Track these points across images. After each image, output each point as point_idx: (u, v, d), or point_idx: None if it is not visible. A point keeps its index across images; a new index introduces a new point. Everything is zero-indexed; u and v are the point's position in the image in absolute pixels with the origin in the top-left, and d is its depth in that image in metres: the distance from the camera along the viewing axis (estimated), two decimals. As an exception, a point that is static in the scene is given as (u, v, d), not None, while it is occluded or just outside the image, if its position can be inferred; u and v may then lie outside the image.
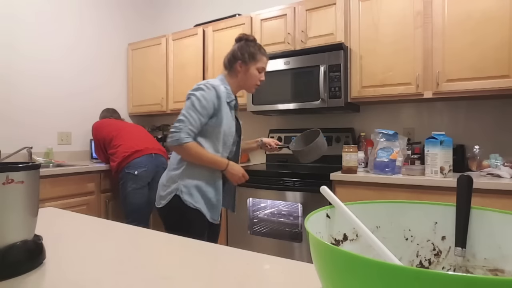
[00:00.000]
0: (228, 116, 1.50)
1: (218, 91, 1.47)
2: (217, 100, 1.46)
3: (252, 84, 1.59)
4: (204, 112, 1.43)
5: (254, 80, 1.58)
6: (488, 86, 1.95)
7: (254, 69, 1.57)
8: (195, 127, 1.42)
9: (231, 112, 1.53)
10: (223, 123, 1.47)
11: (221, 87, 1.49)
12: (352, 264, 0.30)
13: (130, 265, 0.61)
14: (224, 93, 1.50)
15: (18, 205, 0.56)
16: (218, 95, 1.46)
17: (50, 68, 3.03)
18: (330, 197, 0.46)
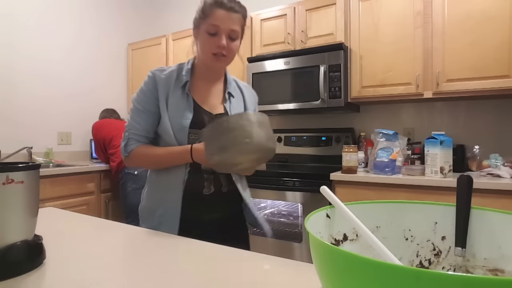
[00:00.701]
0: (176, 105, 1.08)
1: (157, 77, 1.11)
2: (155, 88, 1.10)
3: (207, 56, 1.08)
4: (147, 108, 1.08)
5: (206, 48, 1.07)
6: (488, 86, 1.95)
7: (203, 32, 1.06)
8: (142, 129, 1.09)
9: (187, 98, 1.10)
10: (169, 115, 1.08)
11: (166, 72, 1.13)
12: (352, 264, 0.30)
13: (130, 265, 0.61)
14: (169, 78, 1.11)
15: (18, 205, 0.56)
16: (155, 81, 1.10)
17: (50, 68, 3.03)
18: (330, 197, 0.46)
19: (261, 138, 0.88)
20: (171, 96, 1.10)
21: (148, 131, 1.10)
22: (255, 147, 0.87)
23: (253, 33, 2.75)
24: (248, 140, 0.85)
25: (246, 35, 3.22)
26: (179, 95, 1.10)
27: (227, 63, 1.12)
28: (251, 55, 2.74)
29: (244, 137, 0.85)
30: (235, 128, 0.86)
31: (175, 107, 1.09)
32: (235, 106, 1.18)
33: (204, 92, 1.16)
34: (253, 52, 2.75)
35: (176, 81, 1.12)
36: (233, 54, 1.11)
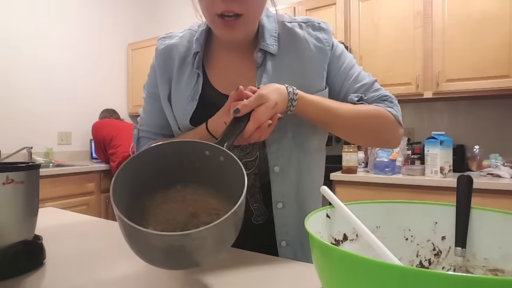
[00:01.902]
0: (179, 91, 0.75)
1: (160, 50, 0.78)
2: (161, 66, 0.77)
3: (211, 21, 0.66)
4: (156, 94, 0.79)
5: (207, 13, 0.65)
6: (488, 86, 1.95)
7: None
8: (154, 124, 0.81)
9: (197, 78, 0.73)
10: (172, 107, 0.76)
11: (173, 40, 0.78)
12: (352, 264, 0.30)
13: (130, 265, 0.61)
14: (175, 48, 0.77)
15: (18, 205, 0.56)
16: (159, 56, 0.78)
17: (50, 69, 3.03)
18: (330, 197, 0.46)
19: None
20: (176, 76, 0.75)
21: (163, 127, 0.80)
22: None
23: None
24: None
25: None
26: (187, 74, 0.74)
27: (245, 27, 0.66)
28: (251, 55, 2.74)
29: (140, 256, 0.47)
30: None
31: (178, 94, 0.75)
32: (275, 74, 0.70)
33: (225, 64, 0.75)
34: (253, 52, 2.75)
35: (184, 53, 0.76)
36: (252, 5, 0.63)
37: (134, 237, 0.44)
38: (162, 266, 0.46)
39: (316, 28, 0.75)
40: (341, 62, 0.75)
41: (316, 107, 0.67)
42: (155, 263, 0.46)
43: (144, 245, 0.44)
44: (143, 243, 0.44)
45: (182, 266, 0.47)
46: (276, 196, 0.72)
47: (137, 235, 0.43)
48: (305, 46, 0.72)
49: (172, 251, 0.42)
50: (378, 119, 0.73)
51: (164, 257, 0.44)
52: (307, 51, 0.72)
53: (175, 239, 0.42)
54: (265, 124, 0.58)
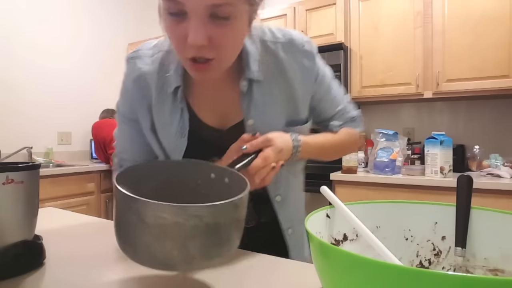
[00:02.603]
0: (165, 122, 0.69)
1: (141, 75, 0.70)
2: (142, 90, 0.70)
3: (182, 62, 0.61)
4: (135, 119, 0.72)
5: (175, 46, 0.58)
6: (488, 86, 1.95)
7: (164, 13, 0.56)
8: (135, 150, 0.75)
9: (181, 113, 0.68)
10: (160, 136, 0.71)
11: (147, 61, 0.70)
12: (352, 264, 0.30)
13: (130, 265, 0.61)
14: (151, 74, 0.69)
15: (18, 205, 0.56)
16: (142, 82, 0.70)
17: (50, 68, 3.03)
18: (330, 197, 0.46)
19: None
20: (156, 106, 0.69)
21: (149, 152, 0.74)
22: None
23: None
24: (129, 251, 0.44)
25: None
26: (169, 106, 0.68)
27: (219, 70, 0.59)
28: (251, 55, 2.74)
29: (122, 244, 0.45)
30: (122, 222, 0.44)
31: (164, 127, 0.69)
32: (261, 101, 0.67)
33: (209, 93, 0.70)
34: (253, 52, 2.74)
35: (159, 81, 0.68)
36: (225, 49, 0.57)
37: (127, 211, 0.41)
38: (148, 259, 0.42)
39: (300, 51, 0.69)
40: (323, 88, 0.75)
41: (314, 149, 0.71)
42: (141, 253, 0.42)
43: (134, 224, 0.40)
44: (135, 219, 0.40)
45: (170, 260, 0.41)
46: (286, 223, 0.76)
47: (130, 208, 0.40)
48: (291, 75, 0.69)
49: (163, 232, 0.39)
50: (351, 143, 0.81)
51: (152, 241, 0.40)
52: (294, 81, 0.69)
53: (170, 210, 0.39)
54: (271, 166, 0.59)
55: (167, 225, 0.39)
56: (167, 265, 0.42)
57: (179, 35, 0.54)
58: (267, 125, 0.67)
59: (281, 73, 0.68)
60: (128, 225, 0.41)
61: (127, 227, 0.42)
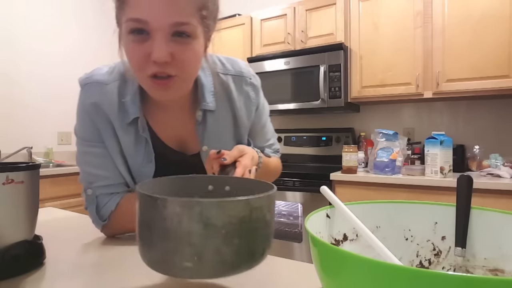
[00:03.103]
0: (130, 149, 0.72)
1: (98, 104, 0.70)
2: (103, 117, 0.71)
3: (139, 78, 0.62)
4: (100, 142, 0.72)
5: (138, 74, 0.61)
6: (488, 86, 1.95)
7: (125, 33, 0.62)
8: (110, 175, 0.72)
9: (145, 142, 0.72)
10: (129, 162, 0.73)
11: (103, 92, 0.71)
12: (352, 264, 0.30)
13: (130, 265, 0.61)
14: (109, 105, 0.70)
15: (18, 205, 0.56)
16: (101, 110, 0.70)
17: (50, 68, 3.03)
18: (330, 197, 0.46)
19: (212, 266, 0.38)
20: (120, 132, 0.71)
21: (122, 174, 0.73)
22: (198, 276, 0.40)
23: (253, 33, 2.75)
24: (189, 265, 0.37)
25: (246, 35, 3.20)
26: (132, 135, 0.71)
27: (180, 87, 0.62)
28: (251, 55, 2.74)
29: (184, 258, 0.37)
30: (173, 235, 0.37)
31: (130, 154, 0.72)
32: (214, 129, 0.74)
33: (167, 119, 0.73)
34: (253, 52, 2.75)
35: (120, 112, 0.69)
36: (186, 67, 0.60)
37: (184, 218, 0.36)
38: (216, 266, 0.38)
39: (248, 83, 0.78)
40: (261, 122, 0.86)
41: (266, 167, 0.78)
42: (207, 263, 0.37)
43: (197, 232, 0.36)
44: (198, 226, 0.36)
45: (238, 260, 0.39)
46: None
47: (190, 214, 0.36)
48: (237, 104, 0.77)
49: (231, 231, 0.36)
50: (279, 168, 0.94)
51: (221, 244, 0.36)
52: (239, 110, 0.77)
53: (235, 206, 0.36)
54: (253, 170, 0.62)
55: (235, 223, 0.37)
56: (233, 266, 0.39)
57: (141, 54, 0.57)
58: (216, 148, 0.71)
59: (230, 102, 0.76)
60: (187, 236, 0.36)
61: (186, 239, 0.36)
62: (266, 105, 0.87)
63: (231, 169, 0.61)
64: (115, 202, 0.72)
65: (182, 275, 0.38)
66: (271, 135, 0.92)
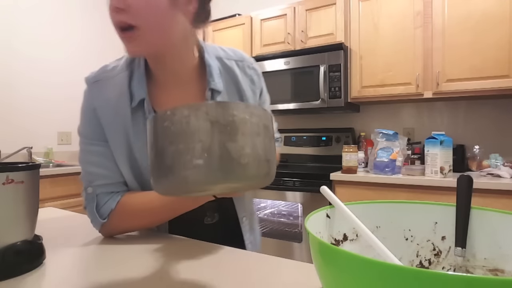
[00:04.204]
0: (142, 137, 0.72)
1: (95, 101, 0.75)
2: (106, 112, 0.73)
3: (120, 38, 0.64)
4: (103, 141, 0.72)
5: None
6: (488, 86, 1.95)
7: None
8: (111, 175, 0.73)
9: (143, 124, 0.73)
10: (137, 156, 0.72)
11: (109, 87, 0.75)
12: (352, 264, 0.30)
13: (130, 265, 0.61)
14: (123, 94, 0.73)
15: (18, 205, 0.56)
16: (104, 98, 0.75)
17: (50, 68, 3.03)
18: (330, 197, 0.46)
19: (247, 162, 0.39)
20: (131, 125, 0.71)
21: (125, 173, 0.73)
22: (229, 178, 0.39)
23: (253, 33, 2.75)
24: (200, 162, 0.38)
25: (246, 35, 3.19)
26: (140, 121, 0.72)
27: (144, 41, 0.62)
28: (251, 55, 2.74)
29: (196, 155, 0.38)
30: (183, 135, 0.38)
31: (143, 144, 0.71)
32: None
33: (174, 100, 0.74)
34: (253, 52, 2.75)
35: (129, 101, 0.72)
36: (143, 17, 0.60)
37: (192, 120, 0.38)
38: (223, 164, 0.38)
39: (250, 68, 0.82)
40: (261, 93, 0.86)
41: None
42: (214, 161, 0.38)
43: (205, 130, 0.38)
44: (206, 125, 0.38)
45: (243, 159, 0.39)
46: (241, 213, 0.85)
47: (197, 115, 0.38)
48: (243, 86, 0.79)
49: (236, 129, 0.38)
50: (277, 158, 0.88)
51: (227, 139, 0.38)
52: (245, 92, 0.80)
53: (238, 107, 0.39)
54: None
55: (238, 121, 0.39)
56: (240, 165, 0.39)
57: (110, 8, 0.61)
58: None
59: (236, 85, 0.79)
60: (196, 133, 0.38)
61: (196, 136, 0.38)
62: (267, 96, 0.89)
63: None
64: (115, 201, 0.71)
65: (194, 177, 0.38)
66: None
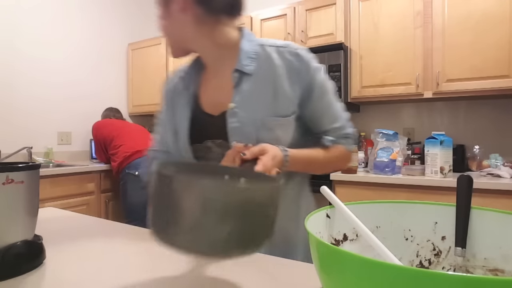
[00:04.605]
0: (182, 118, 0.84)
1: (165, 90, 0.93)
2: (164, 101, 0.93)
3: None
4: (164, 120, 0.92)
5: None
6: (488, 86, 1.95)
7: None
8: (160, 142, 0.92)
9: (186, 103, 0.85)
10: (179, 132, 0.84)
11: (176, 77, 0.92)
12: (352, 264, 0.30)
13: (130, 265, 0.61)
14: (171, 87, 0.91)
15: (18, 205, 0.56)
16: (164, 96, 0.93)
17: (50, 68, 3.03)
18: (330, 197, 0.46)
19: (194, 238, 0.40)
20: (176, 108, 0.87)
21: (169, 140, 0.88)
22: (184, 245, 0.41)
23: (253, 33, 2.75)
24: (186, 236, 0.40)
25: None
26: (183, 103, 0.86)
27: (171, 48, 0.84)
28: (251, 55, 2.74)
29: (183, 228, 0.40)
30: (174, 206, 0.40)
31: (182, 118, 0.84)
32: (248, 92, 0.77)
33: (212, 84, 0.83)
34: (253, 52, 2.74)
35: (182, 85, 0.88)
36: (168, 33, 0.81)
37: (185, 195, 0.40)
38: (209, 243, 0.40)
39: (291, 53, 0.79)
40: (320, 100, 0.80)
41: (301, 162, 0.76)
42: (200, 238, 0.39)
43: (195, 208, 0.39)
44: (198, 202, 0.39)
45: (228, 241, 0.40)
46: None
47: (191, 193, 0.39)
48: (279, 71, 0.77)
49: (226, 211, 0.39)
50: (340, 159, 0.84)
51: (214, 222, 0.39)
52: (279, 77, 0.77)
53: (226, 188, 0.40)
54: (273, 172, 0.63)
55: (217, 203, 0.39)
56: (226, 247, 0.40)
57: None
58: (247, 112, 0.76)
59: (271, 70, 0.77)
60: (173, 208, 0.40)
61: (186, 214, 0.40)
62: (328, 86, 0.81)
63: (251, 165, 0.63)
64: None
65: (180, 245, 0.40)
66: (337, 117, 0.82)
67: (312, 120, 0.81)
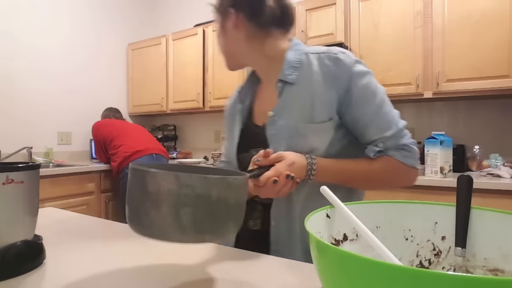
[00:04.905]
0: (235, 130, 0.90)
1: (229, 100, 0.99)
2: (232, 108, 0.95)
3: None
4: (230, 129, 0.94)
5: None
6: (488, 86, 1.95)
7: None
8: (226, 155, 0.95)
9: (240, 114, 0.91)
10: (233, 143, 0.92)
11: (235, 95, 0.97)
12: (352, 264, 0.30)
13: (129, 265, 0.61)
14: (231, 103, 0.96)
15: (18, 205, 0.56)
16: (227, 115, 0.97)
17: (50, 68, 3.03)
18: (330, 197, 0.46)
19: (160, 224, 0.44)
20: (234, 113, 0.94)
21: (231, 152, 0.90)
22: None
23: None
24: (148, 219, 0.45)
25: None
26: (238, 121, 0.91)
27: (226, 61, 0.89)
28: (251, 55, 2.74)
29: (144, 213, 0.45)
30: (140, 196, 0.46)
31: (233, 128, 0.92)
32: (288, 101, 0.78)
33: (263, 96, 0.88)
34: (253, 52, 2.74)
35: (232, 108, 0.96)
36: (223, 49, 0.88)
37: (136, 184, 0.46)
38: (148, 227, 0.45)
39: (331, 58, 0.75)
40: (364, 107, 0.74)
41: (334, 174, 0.73)
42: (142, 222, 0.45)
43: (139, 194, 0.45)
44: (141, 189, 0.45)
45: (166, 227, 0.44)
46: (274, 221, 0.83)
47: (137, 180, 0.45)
48: (317, 78, 0.75)
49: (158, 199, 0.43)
50: (390, 173, 0.75)
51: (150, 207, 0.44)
52: (318, 83, 0.75)
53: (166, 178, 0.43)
54: (283, 175, 0.64)
55: (163, 192, 0.43)
56: (163, 233, 0.44)
57: None
58: (284, 120, 0.77)
59: (310, 77, 0.76)
60: (134, 195, 0.46)
61: (134, 198, 0.46)
62: (372, 91, 0.75)
63: (264, 170, 0.66)
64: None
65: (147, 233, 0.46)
66: (386, 126, 0.73)
67: (357, 129, 0.75)
